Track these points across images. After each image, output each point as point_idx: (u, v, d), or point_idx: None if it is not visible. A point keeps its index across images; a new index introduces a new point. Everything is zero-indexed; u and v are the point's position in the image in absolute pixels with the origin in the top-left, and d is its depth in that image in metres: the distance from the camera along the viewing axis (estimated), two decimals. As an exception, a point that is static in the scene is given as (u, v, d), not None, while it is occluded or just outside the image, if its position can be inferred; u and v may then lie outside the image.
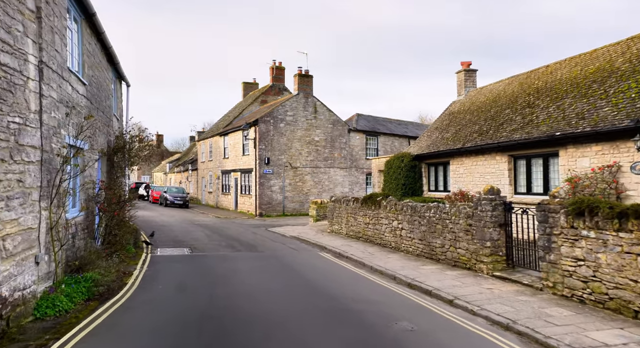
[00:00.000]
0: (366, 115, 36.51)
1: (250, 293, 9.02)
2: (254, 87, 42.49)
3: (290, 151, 30.79)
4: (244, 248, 15.57)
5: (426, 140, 20.81)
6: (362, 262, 12.81)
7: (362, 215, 16.74)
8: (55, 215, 7.66)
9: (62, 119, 8.18)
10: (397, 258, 13.16)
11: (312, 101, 31.55)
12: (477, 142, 16.17)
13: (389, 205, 14.95)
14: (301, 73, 31.31)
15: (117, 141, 13.17)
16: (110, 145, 13.03)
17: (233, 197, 33.92)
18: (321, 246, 16.19)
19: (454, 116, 20.41)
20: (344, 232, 18.53)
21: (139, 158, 13.86)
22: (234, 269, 11.67)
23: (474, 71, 21.20)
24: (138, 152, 14.05)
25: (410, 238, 13.50)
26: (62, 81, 8.23)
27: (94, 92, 11.09)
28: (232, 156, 34.09)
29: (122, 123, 15.84)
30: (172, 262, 12.72)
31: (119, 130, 13.54)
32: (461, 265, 11.15)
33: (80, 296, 7.86)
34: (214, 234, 19.47)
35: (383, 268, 11.71)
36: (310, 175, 31.46)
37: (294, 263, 12.96)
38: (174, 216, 28.30)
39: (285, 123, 30.67)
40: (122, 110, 16.41)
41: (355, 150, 33.25)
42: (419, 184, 19.92)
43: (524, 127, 14.47)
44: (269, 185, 30.03)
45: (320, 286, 9.91)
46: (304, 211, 30.84)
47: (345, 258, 13.91)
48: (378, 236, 15.57)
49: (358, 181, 33.41)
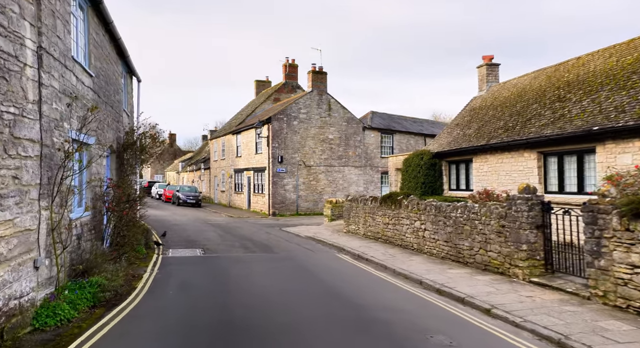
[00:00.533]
0: (381, 113, 35.65)
1: (266, 301, 8.30)
2: (266, 85, 41.86)
3: (304, 149, 30.07)
4: (258, 249, 14.88)
5: (446, 137, 19.92)
6: (384, 265, 12.03)
7: (381, 215, 15.94)
8: (57, 215, 7.01)
9: (66, 111, 7.54)
10: (421, 260, 12.36)
11: (326, 98, 30.80)
12: (503, 139, 15.27)
13: (410, 204, 14.14)
14: (315, 70, 30.56)
15: (127, 137, 12.56)
16: (120, 142, 12.42)
17: (246, 196, 33.32)
18: (339, 247, 15.44)
19: (475, 112, 19.49)
20: (361, 232, 17.76)
21: (150, 155, 13.22)
22: (248, 272, 10.97)
23: (496, 65, 20.24)
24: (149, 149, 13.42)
25: (435, 239, 12.68)
26: (65, 70, 7.58)
27: (102, 85, 10.47)
28: (245, 155, 33.48)
29: (132, 119, 15.24)
30: (184, 264, 12.07)
31: (129, 126, 12.92)
32: (492, 269, 10.31)
33: (84, 303, 7.21)
34: (227, 234, 18.83)
35: (407, 272, 10.92)
36: (324, 174, 30.72)
37: (311, 265, 12.23)
38: (186, 215, 27.77)
39: (299, 121, 29.95)
40: (132, 106, 15.81)
41: (370, 149, 32.42)
42: (439, 183, 19.05)
43: (554, 122, 13.55)
44: (282, 184, 29.36)
45: (341, 292, 9.15)
46: (318, 210, 30.11)
47: (365, 260, 13.14)
48: (398, 237, 14.77)
49: (373, 180, 32.58)
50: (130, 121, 14.61)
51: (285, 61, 37.05)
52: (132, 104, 15.65)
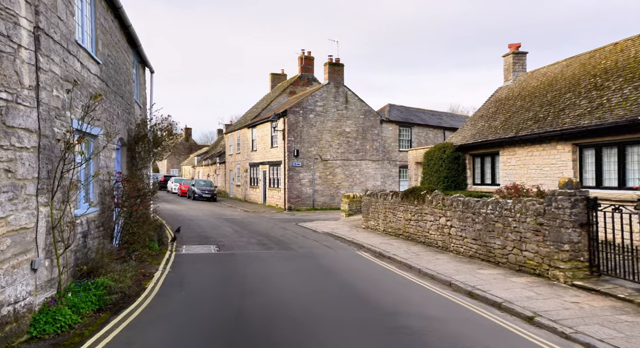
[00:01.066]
0: (398, 106, 34.69)
1: (285, 306, 7.62)
2: (282, 78, 41.15)
3: (320, 143, 29.34)
4: (275, 246, 14.24)
5: (470, 129, 18.98)
6: (408, 264, 11.28)
7: (403, 210, 15.16)
8: (58, 211, 6.42)
9: (69, 99, 6.93)
10: (447, 259, 11.57)
11: (343, 91, 29.97)
12: (534, 130, 14.31)
13: (435, 200, 13.33)
14: (332, 61, 29.73)
15: (138, 129, 11.98)
16: (131, 134, 11.86)
17: (261, 190, 32.78)
18: (358, 244, 14.72)
19: (501, 103, 18.50)
20: (380, 228, 17.00)
21: (163, 148, 12.65)
22: (265, 272, 10.31)
23: (524, 54, 19.16)
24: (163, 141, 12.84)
25: (462, 237, 11.87)
26: (67, 55, 6.97)
27: (111, 74, 9.88)
28: (261, 148, 32.90)
29: (145, 111, 14.68)
30: (198, 262, 11.48)
31: (141, 118, 12.35)
32: (528, 270, 9.47)
33: (89, 306, 6.63)
34: (243, 230, 18.24)
35: (434, 272, 10.15)
36: (340, 168, 29.96)
37: (331, 264, 11.53)
38: (201, 210, 27.32)
39: (315, 114, 29.21)
40: (145, 98, 15.25)
41: (387, 142, 31.54)
42: (462, 177, 18.16)
43: (592, 112, 12.57)
44: (298, 178, 28.70)
45: (365, 294, 8.44)
46: (335, 205, 29.41)
47: (388, 258, 12.40)
48: (421, 234, 13.98)
49: (391, 174, 31.72)
50: (143, 113, 14.05)
51: (301, 53, 36.27)
52: (144, 95, 15.09)
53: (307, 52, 36.22)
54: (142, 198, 9.74)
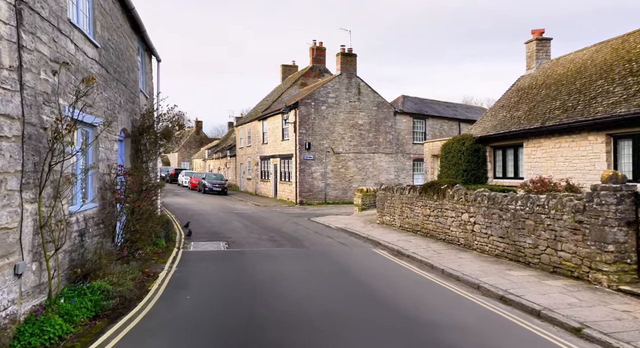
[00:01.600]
0: (412, 97, 33.66)
1: (301, 312, 6.88)
2: (293, 69, 40.28)
3: (332, 135, 28.51)
4: (287, 243, 13.52)
5: (491, 120, 18.02)
6: (429, 263, 10.48)
7: (421, 205, 14.32)
8: (48, 208, 5.73)
9: (59, 83, 6.21)
10: (471, 258, 10.74)
11: (355, 82, 29.04)
12: (562, 120, 13.35)
13: (456, 194, 12.48)
14: (344, 52, 28.79)
15: (143, 120, 11.29)
16: (136, 125, 11.16)
17: (272, 184, 32.09)
18: (374, 241, 13.94)
19: (524, 92, 17.50)
20: (397, 224, 16.20)
21: (169, 140, 11.94)
22: (277, 272, 9.58)
23: (548, 40, 18.09)
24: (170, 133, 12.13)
25: (487, 234, 11.03)
26: (58, 35, 6.24)
27: (112, 59, 9.17)
28: (271, 141, 32.17)
29: (152, 102, 13.98)
30: (206, 260, 10.80)
31: (146, 109, 11.65)
32: (564, 272, 8.62)
33: (83, 313, 5.95)
34: (253, 225, 17.56)
35: (459, 273, 9.34)
36: (353, 161, 29.12)
37: (347, 263, 10.77)
38: (211, 204, 26.72)
39: (327, 105, 28.35)
40: (152, 88, 14.55)
41: (401, 134, 30.60)
42: (483, 170, 17.24)
43: (628, 100, 11.58)
44: (309, 172, 27.94)
45: (387, 299, 7.67)
46: (347, 199, 28.62)
47: (407, 257, 11.61)
48: (441, 230, 13.16)
49: (404, 167, 30.81)
50: (149, 104, 13.35)
51: (313, 44, 35.36)
52: (151, 85, 14.39)
53: (319, 43, 35.31)
54: (146, 193, 9.06)
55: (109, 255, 6.99)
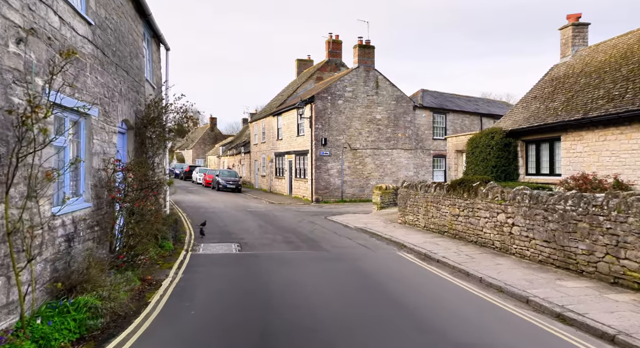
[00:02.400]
0: (432, 91, 32.25)
1: (325, 333, 5.77)
2: (308, 64, 39.10)
3: (349, 130, 27.31)
4: (303, 245, 12.41)
5: (522, 112, 16.64)
6: (464, 270, 9.27)
7: (449, 204, 13.09)
8: (18, 211, 4.69)
9: (37, 60, 5.17)
10: (511, 264, 9.51)
11: (373, 75, 27.77)
12: (609, 110, 11.97)
13: (491, 193, 11.22)
14: (362, 43, 27.53)
15: (148, 110, 10.27)
16: (140, 116, 10.15)
17: (287, 181, 31.04)
18: (398, 243, 12.77)
19: (559, 81, 16.08)
20: (421, 224, 14.98)
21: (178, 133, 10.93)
22: (293, 281, 8.46)
23: (585, 25, 16.61)
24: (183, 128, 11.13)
25: (528, 238, 9.77)
26: (35, 2, 5.19)
27: (110, 41, 8.15)
28: (286, 137, 31.10)
29: (160, 93, 12.98)
30: (215, 264, 9.75)
31: (151, 99, 10.65)
32: (629, 284, 7.34)
33: (65, 336, 4.92)
34: (268, 224, 16.50)
35: (501, 283, 8.12)
36: (371, 157, 27.90)
37: (372, 269, 9.63)
38: (224, 201, 25.77)
39: (344, 99, 27.15)
40: (160, 78, 13.55)
41: (420, 130, 29.25)
42: (514, 166, 15.90)
43: (690, 86, 10.19)
44: (326, 169, 26.80)
45: (421, 315, 6.51)
46: (364, 197, 27.43)
47: (436, 262, 10.42)
48: (472, 232, 11.92)
49: (424, 164, 29.47)
50: (157, 95, 12.35)
51: (329, 37, 34.13)
52: (159, 75, 13.39)
53: (335, 36, 34.06)
54: (148, 191, 8.04)
55: (100, 264, 5.95)
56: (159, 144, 10.97)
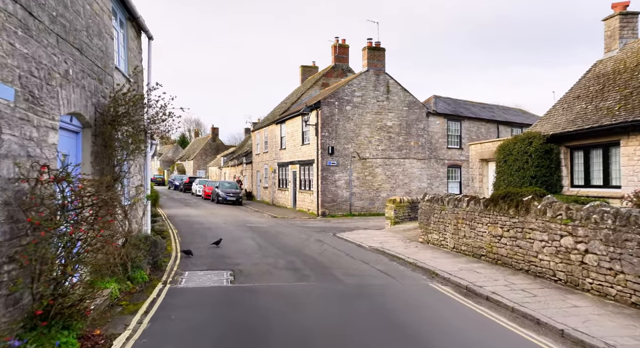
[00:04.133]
0: (444, 98, 29.87)
1: None
2: (313, 71, 36.85)
3: (358, 139, 24.89)
4: (311, 273, 9.89)
5: (563, 114, 14.19)
6: (531, 315, 6.74)
7: (489, 223, 10.58)
8: None
9: None
10: (593, 308, 6.97)
11: (384, 79, 25.43)
12: (691, 107, 9.49)
13: (550, 209, 8.71)
14: (371, 45, 25.25)
15: (114, 105, 7.86)
16: (100, 110, 7.71)
17: (291, 193, 28.55)
18: (426, 269, 10.25)
19: (608, 78, 13.64)
20: (449, 244, 12.47)
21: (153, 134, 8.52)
22: (301, 336, 5.94)
23: (635, 14, 14.20)
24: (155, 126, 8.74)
25: (613, 271, 7.23)
26: None
27: (51, 4, 5.79)
28: (290, 146, 28.69)
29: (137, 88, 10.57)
30: (198, 307, 7.23)
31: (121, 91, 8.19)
32: None
33: None
34: (269, 244, 13.99)
35: (601, 344, 5.57)
36: (381, 168, 25.43)
37: (404, 313, 7.10)
38: (223, 215, 23.27)
39: (353, 105, 24.78)
40: (140, 71, 11.15)
41: (434, 138, 26.81)
42: (556, 177, 13.39)
43: None
44: (333, 180, 24.33)
45: None
46: (375, 210, 24.91)
47: (485, 299, 7.88)
48: (522, 258, 9.40)
49: (438, 174, 26.97)
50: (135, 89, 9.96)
51: (335, 41, 31.92)
52: (137, 66, 10.95)
53: (342, 40, 31.84)
54: (100, 208, 5.60)
55: None
56: (132, 148, 8.53)
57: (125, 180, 8.87)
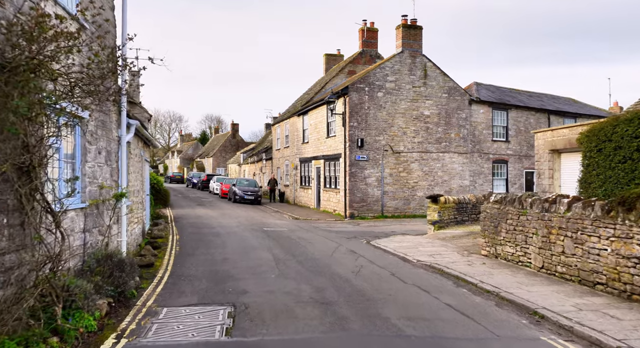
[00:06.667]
0: (487, 85, 25.89)
1: None
2: (338, 59, 33.24)
3: (391, 130, 21.24)
4: (350, 311, 6.37)
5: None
6: None
7: (616, 237, 6.88)
8: None
9: None
10: None
11: (420, 62, 21.69)
12: None
13: None
14: (406, 23, 21.53)
15: (12, 37, 4.48)
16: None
17: (314, 191, 25.08)
18: (522, 306, 6.64)
19: None
20: (534, 262, 8.81)
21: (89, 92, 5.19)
22: None
23: None
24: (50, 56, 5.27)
25: None
26: None
27: None
28: (313, 140, 25.22)
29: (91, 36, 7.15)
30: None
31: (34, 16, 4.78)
32: None
33: None
34: (289, 256, 10.57)
35: None
36: (417, 163, 21.71)
37: None
38: (238, 217, 19.96)
39: (385, 91, 21.14)
40: (108, 18, 7.76)
41: (477, 129, 22.94)
42: (680, 171, 9.49)
43: None
44: (362, 177, 20.76)
45: None
46: (410, 212, 21.25)
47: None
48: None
49: (482, 171, 23.09)
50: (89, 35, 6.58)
51: (363, 25, 28.28)
52: (101, 8, 7.55)
53: (370, 23, 28.20)
54: None
55: None
56: (63, 120, 5.17)
57: (59, 170, 5.54)
